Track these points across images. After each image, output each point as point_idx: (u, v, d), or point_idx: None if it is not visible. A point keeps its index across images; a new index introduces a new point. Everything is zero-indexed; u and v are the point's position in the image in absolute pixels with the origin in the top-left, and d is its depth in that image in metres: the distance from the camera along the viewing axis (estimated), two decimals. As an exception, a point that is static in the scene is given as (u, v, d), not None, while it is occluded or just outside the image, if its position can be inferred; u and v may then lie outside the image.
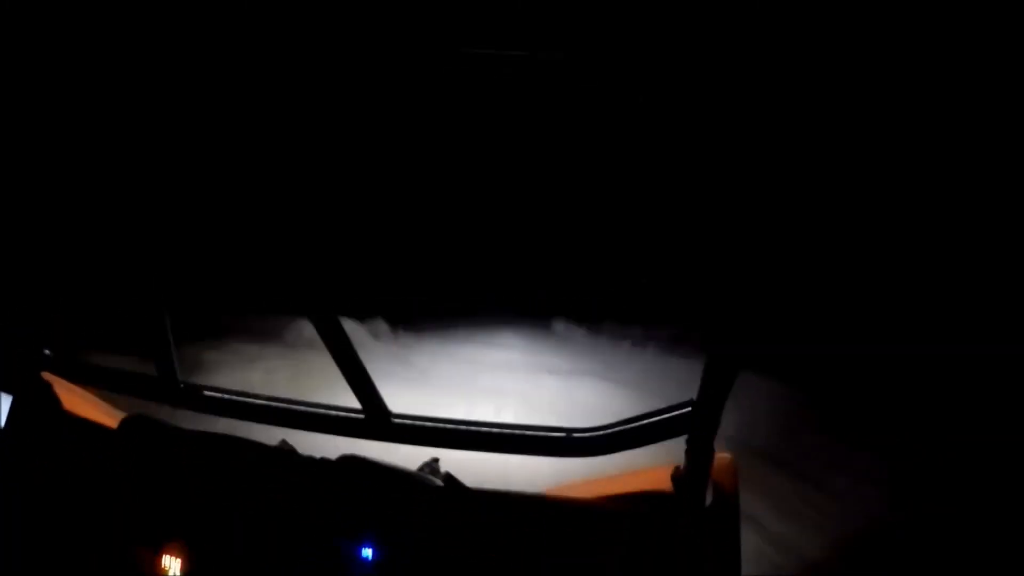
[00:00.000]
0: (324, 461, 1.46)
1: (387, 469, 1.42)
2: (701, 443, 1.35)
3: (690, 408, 1.35)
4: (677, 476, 1.40)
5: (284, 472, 1.47)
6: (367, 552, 1.33)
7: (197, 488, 1.46)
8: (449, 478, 1.43)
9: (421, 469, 1.46)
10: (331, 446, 1.46)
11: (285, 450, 1.55)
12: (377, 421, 1.39)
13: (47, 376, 1.73)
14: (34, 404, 1.70)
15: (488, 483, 1.46)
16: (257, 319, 4.98)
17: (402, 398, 1.47)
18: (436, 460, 1.47)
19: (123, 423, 1.60)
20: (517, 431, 1.36)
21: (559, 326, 5.82)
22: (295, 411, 1.46)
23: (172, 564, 1.40)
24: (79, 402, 1.76)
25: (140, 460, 1.53)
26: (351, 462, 1.43)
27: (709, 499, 1.40)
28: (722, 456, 1.43)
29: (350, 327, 1.70)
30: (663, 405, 1.38)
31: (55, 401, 1.71)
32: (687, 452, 1.37)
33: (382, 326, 5.48)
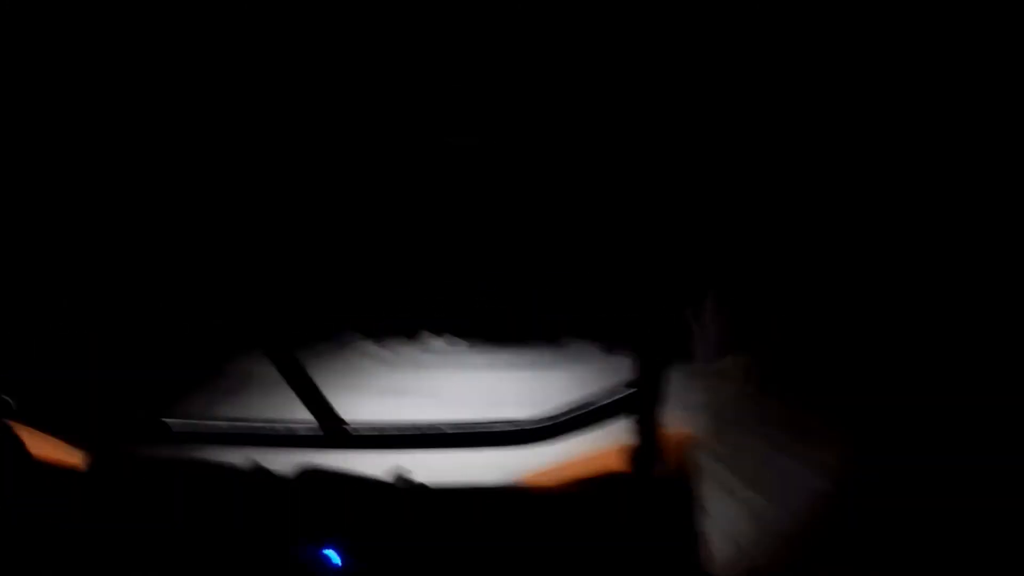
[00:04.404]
0: (290, 476, 1.49)
1: (350, 478, 1.46)
2: (648, 421, 1.40)
3: (634, 388, 1.40)
4: (630, 454, 1.45)
5: (252, 491, 1.50)
6: (335, 559, 1.37)
7: (166, 517, 1.48)
8: (412, 481, 1.46)
9: (387, 475, 1.49)
10: (299, 461, 1.49)
11: (252, 469, 1.58)
12: (334, 433, 1.42)
13: (12, 424, 1.74)
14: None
15: (453, 479, 1.49)
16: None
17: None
18: (401, 466, 1.51)
19: (91, 462, 1.62)
20: (469, 429, 1.40)
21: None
22: (256, 433, 1.49)
23: None
24: (46, 446, 1.77)
25: (109, 496, 1.55)
26: (316, 474, 1.46)
27: (664, 473, 1.45)
28: (675, 430, 1.48)
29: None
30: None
31: (21, 448, 1.72)
32: (636, 431, 1.42)
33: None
